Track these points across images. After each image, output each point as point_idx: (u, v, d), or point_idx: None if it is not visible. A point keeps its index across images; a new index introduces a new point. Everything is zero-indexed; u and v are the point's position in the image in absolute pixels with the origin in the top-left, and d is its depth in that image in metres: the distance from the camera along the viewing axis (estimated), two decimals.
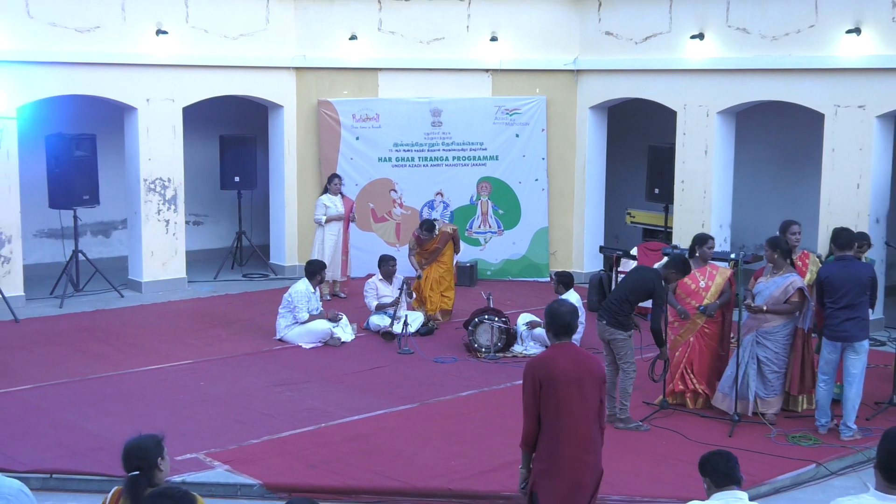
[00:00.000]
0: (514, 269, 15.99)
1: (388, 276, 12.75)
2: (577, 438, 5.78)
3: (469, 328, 11.70)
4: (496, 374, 10.85)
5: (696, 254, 9.71)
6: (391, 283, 12.70)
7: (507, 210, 16.01)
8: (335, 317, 12.33)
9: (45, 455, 8.22)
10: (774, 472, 8.13)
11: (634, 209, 15.94)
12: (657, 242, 13.81)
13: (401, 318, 12.15)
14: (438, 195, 15.91)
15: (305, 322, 12.01)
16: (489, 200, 16.02)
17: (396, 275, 12.78)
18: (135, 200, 14.83)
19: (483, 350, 11.54)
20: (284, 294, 12.32)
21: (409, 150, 15.89)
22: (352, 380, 10.64)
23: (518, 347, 11.71)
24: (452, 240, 13.43)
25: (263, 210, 16.91)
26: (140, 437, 5.00)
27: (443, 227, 13.38)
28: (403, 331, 11.95)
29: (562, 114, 15.94)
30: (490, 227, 16.06)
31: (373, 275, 13.06)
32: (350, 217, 14.80)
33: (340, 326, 12.21)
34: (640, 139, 15.93)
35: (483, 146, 15.89)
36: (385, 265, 12.82)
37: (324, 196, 14.60)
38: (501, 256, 16.05)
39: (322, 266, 12.74)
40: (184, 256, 15.25)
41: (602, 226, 16.23)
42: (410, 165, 15.92)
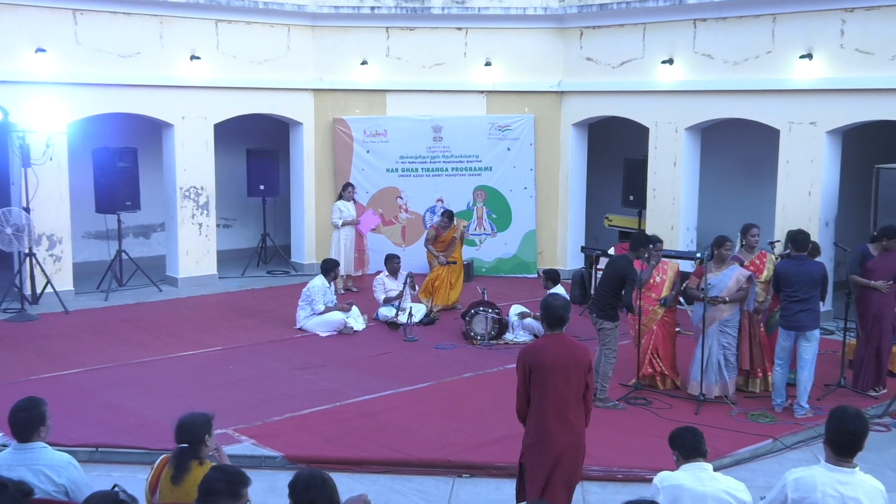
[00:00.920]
0: (506, 267, 15.98)
1: (394, 273, 12.73)
2: (561, 419, 5.79)
3: (466, 318, 11.70)
4: (490, 359, 10.84)
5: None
6: (397, 279, 12.69)
7: (500, 214, 16.00)
8: (348, 307, 12.32)
9: (92, 431, 8.22)
10: (736, 446, 8.13)
11: (612, 214, 15.91)
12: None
13: (405, 310, 12.15)
14: (439, 201, 15.88)
15: (322, 313, 12.01)
16: (484, 206, 16.01)
17: (401, 271, 12.77)
18: (172, 206, 14.83)
19: (479, 338, 11.53)
20: (303, 288, 12.32)
21: (414, 162, 15.88)
22: (363, 364, 10.65)
23: (509, 335, 11.69)
24: (461, 236, 13.59)
25: (285, 214, 16.90)
26: (192, 414, 4.96)
27: (458, 221, 13.63)
28: (408, 321, 11.96)
29: (547, 130, 15.94)
30: (485, 230, 16.05)
31: (381, 272, 13.05)
32: (376, 225, 15.11)
33: (352, 317, 12.20)
34: (617, 152, 15.91)
35: (478, 158, 15.89)
36: (391, 263, 12.81)
37: (339, 202, 14.59)
38: (494, 255, 16.03)
39: (336, 264, 12.76)
40: (215, 255, 15.24)
41: (583, 228, 16.22)
42: (414, 175, 15.91)
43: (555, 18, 15.64)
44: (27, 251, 12.81)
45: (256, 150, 16.19)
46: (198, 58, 14.47)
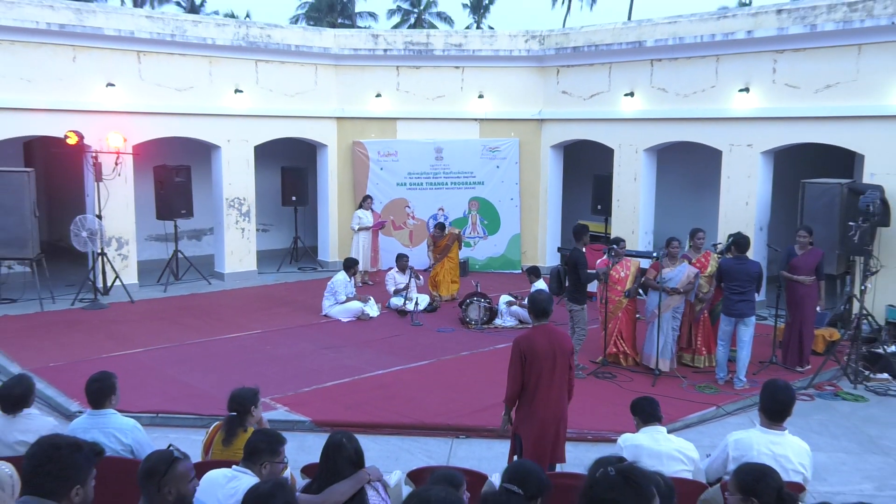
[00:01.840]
0: (496, 264, 15.95)
1: (403, 269, 12.71)
2: (550, 396, 5.77)
3: (462, 307, 11.68)
4: (483, 341, 10.84)
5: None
6: (405, 274, 12.68)
7: (490, 221, 15.97)
8: (365, 298, 12.31)
9: (153, 400, 8.23)
10: (685, 413, 8.14)
11: (583, 220, 15.87)
12: (600, 244, 13.75)
13: (412, 300, 12.13)
14: (440, 210, 15.86)
15: (343, 303, 11.99)
16: (477, 214, 15.98)
17: (408, 267, 12.76)
18: (219, 214, 14.81)
19: (473, 323, 11.51)
20: (328, 282, 12.31)
21: (419, 178, 15.85)
22: (377, 345, 10.64)
23: (499, 321, 11.67)
24: (458, 240, 13.58)
25: (313, 220, 16.88)
26: (242, 388, 4.96)
27: (451, 230, 13.61)
28: (414, 309, 11.94)
29: (530, 151, 15.91)
30: (478, 234, 16.02)
31: (392, 268, 13.04)
32: (382, 225, 14.99)
33: (369, 305, 12.18)
34: (587, 169, 15.90)
35: (473, 174, 15.85)
36: (400, 261, 12.78)
37: (358, 210, 14.58)
38: (486, 254, 16.00)
39: (355, 261, 12.76)
40: (255, 254, 15.22)
41: (559, 232, 16.20)
42: (420, 189, 15.88)
43: (536, 59, 15.63)
44: (99, 251, 12.80)
45: (289, 168, 16.18)
46: (241, 91, 14.47)
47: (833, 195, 10.81)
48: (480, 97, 15.72)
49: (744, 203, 12.72)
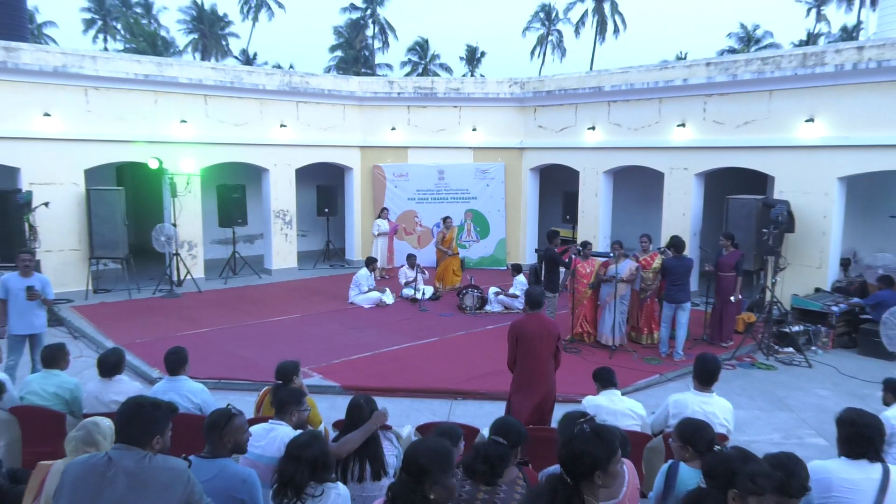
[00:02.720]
0: (486, 262, 15.91)
1: (412, 266, 12.70)
2: (538, 371, 5.73)
3: (459, 296, 11.67)
4: (476, 323, 10.83)
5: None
6: (413, 269, 12.68)
7: (482, 228, 15.96)
8: (382, 289, 12.31)
9: (216, 369, 8.23)
10: (635, 379, 8.14)
11: (555, 226, 15.85)
12: (567, 245, 13.81)
13: (420, 290, 12.13)
14: (442, 220, 15.83)
15: (365, 293, 11.98)
16: (471, 222, 15.95)
17: (416, 264, 12.74)
18: (267, 222, 14.80)
19: (468, 309, 11.50)
20: (353, 276, 12.30)
21: (425, 194, 15.84)
22: (392, 326, 10.63)
23: (488, 307, 11.64)
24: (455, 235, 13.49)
25: (342, 227, 16.87)
26: (286, 361, 4.97)
27: (451, 225, 13.51)
28: (422, 297, 11.93)
29: (513, 173, 15.90)
30: (472, 238, 16.00)
31: (403, 265, 13.03)
32: (395, 230, 14.95)
33: (386, 295, 12.17)
34: (559, 187, 15.90)
35: (468, 191, 15.84)
36: (410, 259, 12.78)
37: (378, 220, 14.58)
38: (479, 255, 15.98)
39: (375, 260, 12.71)
40: (296, 255, 15.19)
41: (536, 236, 16.19)
42: (426, 203, 15.86)
43: (518, 100, 15.62)
44: (174, 252, 12.80)
45: (323, 186, 16.17)
46: (285, 126, 14.46)
47: (751, 208, 10.82)
48: (474, 130, 15.72)
49: (681, 214, 12.73)
